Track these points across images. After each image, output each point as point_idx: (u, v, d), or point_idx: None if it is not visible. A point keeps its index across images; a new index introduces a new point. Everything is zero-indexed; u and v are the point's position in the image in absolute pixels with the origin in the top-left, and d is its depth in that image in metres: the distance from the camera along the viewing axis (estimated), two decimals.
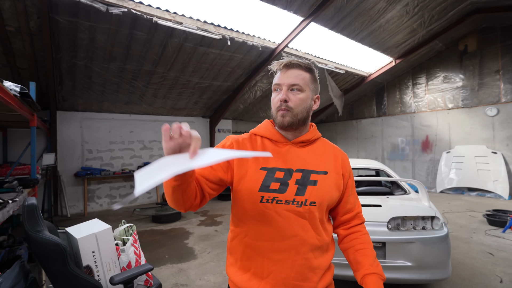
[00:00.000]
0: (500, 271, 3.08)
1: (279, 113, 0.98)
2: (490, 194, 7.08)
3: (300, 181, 0.96)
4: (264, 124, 1.09)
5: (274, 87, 1.02)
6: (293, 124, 0.98)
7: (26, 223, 1.43)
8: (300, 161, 1.00)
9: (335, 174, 1.03)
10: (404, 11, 5.97)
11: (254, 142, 1.04)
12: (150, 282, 1.83)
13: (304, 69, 1.00)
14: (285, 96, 0.96)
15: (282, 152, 1.01)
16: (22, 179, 3.33)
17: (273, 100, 1.01)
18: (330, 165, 1.04)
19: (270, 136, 1.04)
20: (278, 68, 1.00)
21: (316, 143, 1.08)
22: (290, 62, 0.99)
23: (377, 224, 2.46)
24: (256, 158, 0.98)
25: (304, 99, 0.98)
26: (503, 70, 7.20)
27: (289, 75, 0.98)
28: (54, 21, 4.13)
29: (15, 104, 2.65)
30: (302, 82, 0.98)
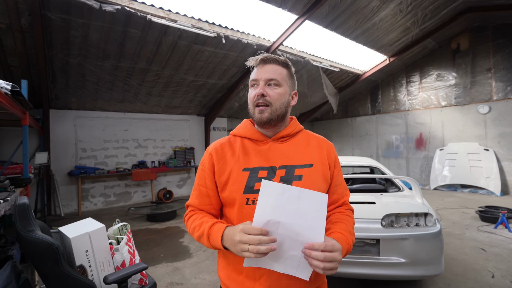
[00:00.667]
0: (492, 267, 3.13)
1: (257, 110, 0.96)
2: (482, 190, 7.18)
3: (284, 178, 0.94)
4: (243, 124, 1.08)
5: (251, 83, 1.00)
6: (271, 120, 0.96)
7: (18, 223, 1.41)
8: (282, 158, 0.98)
9: (321, 166, 0.99)
10: (398, 9, 6.00)
11: (234, 145, 1.03)
12: (144, 281, 1.82)
13: (281, 65, 0.99)
14: (262, 90, 0.95)
15: (264, 150, 0.99)
16: (14, 179, 3.29)
17: (250, 96, 0.99)
18: (314, 156, 1.01)
19: (249, 136, 1.02)
20: (255, 63, 0.99)
21: (298, 136, 1.06)
22: (267, 57, 0.98)
23: (371, 221, 2.48)
24: (237, 160, 0.98)
25: (282, 93, 0.97)
26: (495, 68, 7.29)
27: (266, 70, 0.97)
28: (46, 18, 4.07)
29: (6, 103, 2.61)
30: (279, 77, 0.97)
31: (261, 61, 0.98)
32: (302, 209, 0.73)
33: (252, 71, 1.02)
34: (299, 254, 0.76)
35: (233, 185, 0.94)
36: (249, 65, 1.02)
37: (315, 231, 0.74)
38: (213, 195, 1.00)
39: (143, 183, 7.71)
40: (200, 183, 1.02)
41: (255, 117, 0.97)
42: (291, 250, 0.76)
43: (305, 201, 0.72)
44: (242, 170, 0.95)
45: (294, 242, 0.75)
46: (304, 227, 0.74)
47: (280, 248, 0.76)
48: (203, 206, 1.01)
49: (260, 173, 0.94)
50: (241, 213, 0.93)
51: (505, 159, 7.10)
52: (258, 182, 0.92)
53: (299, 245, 0.75)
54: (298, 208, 0.73)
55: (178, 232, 4.78)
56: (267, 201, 0.72)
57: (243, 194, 0.92)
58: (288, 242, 0.75)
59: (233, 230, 0.79)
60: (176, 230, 4.90)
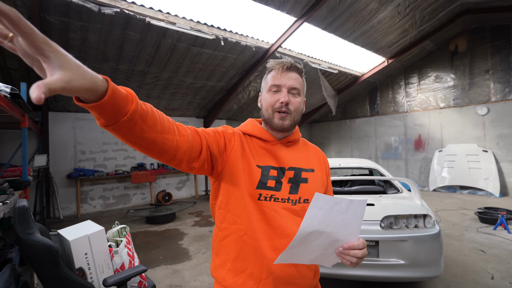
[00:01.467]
0: (491, 268, 3.13)
1: (277, 115, 0.96)
2: (481, 192, 7.19)
3: (292, 179, 0.97)
4: (251, 123, 1.07)
5: (272, 87, 0.98)
6: (291, 127, 0.98)
7: (17, 226, 1.41)
8: (290, 160, 1.00)
9: (320, 172, 1.07)
10: (396, 11, 6.04)
11: (245, 140, 1.00)
12: (144, 283, 1.82)
13: (300, 73, 1.00)
14: (287, 98, 0.95)
15: (273, 150, 1.00)
16: (13, 181, 3.28)
17: (269, 100, 0.98)
18: (315, 163, 1.07)
19: (259, 135, 1.02)
20: (280, 68, 0.97)
21: (299, 143, 1.10)
22: (292, 64, 0.98)
23: (370, 222, 2.48)
24: (252, 155, 0.96)
25: (301, 103, 0.99)
26: (493, 69, 7.33)
27: (290, 77, 0.97)
28: (45, 21, 4.08)
29: (5, 105, 2.61)
30: (300, 86, 0.98)
31: (287, 68, 0.97)
32: (347, 219, 0.75)
33: (268, 73, 1.01)
34: (331, 251, 0.80)
35: (249, 177, 0.92)
36: (271, 67, 1.00)
37: (353, 235, 0.77)
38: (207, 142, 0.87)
39: (142, 185, 7.70)
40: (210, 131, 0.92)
41: (274, 122, 0.97)
42: (326, 249, 0.79)
43: (352, 211, 0.74)
44: (256, 166, 0.95)
45: (332, 244, 0.78)
46: (346, 234, 0.76)
47: (315, 248, 0.78)
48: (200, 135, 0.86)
49: (271, 172, 0.95)
50: (253, 207, 0.91)
51: (504, 160, 7.12)
52: (270, 180, 0.93)
53: (335, 246, 0.79)
54: (344, 218, 0.74)
55: (177, 235, 4.77)
56: (317, 213, 0.72)
57: (256, 188, 0.91)
58: (326, 245, 0.78)
59: None
60: (175, 233, 4.90)
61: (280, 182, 0.94)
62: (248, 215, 0.90)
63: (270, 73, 1.00)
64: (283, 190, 0.94)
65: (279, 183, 0.94)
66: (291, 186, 0.95)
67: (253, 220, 0.90)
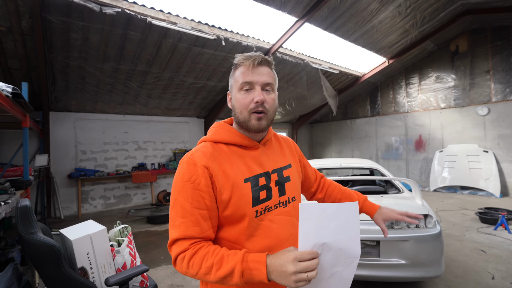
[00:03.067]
0: (492, 268, 3.13)
1: (254, 116, 0.88)
2: (482, 192, 7.19)
3: (278, 182, 0.94)
4: (224, 129, 0.96)
5: (243, 85, 0.88)
6: (268, 126, 0.92)
7: (20, 225, 1.42)
8: (271, 162, 0.96)
9: (295, 164, 1.06)
10: (397, 12, 6.04)
11: (223, 153, 0.90)
12: (145, 283, 1.83)
13: (271, 67, 0.93)
14: (262, 97, 0.87)
15: (256, 156, 0.94)
16: (15, 181, 3.29)
17: (242, 101, 0.88)
18: (289, 156, 1.06)
19: (238, 142, 0.92)
20: (250, 63, 0.88)
21: (272, 138, 1.06)
22: (263, 58, 0.89)
23: (371, 222, 2.47)
24: (235, 170, 0.88)
25: (275, 99, 0.93)
26: (493, 70, 7.32)
27: (262, 72, 0.89)
28: (46, 20, 4.08)
29: (7, 105, 2.62)
30: (273, 81, 0.91)
31: (258, 63, 0.88)
32: (340, 224, 0.72)
33: (238, 70, 0.92)
34: (341, 269, 0.76)
35: (240, 200, 0.84)
36: (239, 63, 0.91)
37: (353, 240, 0.74)
38: (214, 216, 0.85)
39: (143, 185, 7.70)
40: (196, 205, 0.82)
41: (251, 124, 0.88)
42: (335, 266, 0.75)
43: (342, 215, 0.72)
44: (243, 182, 0.86)
45: (337, 258, 0.74)
46: (345, 240, 0.74)
47: (324, 268, 0.74)
48: (206, 232, 0.83)
49: (260, 181, 0.89)
50: (251, 228, 0.85)
51: (504, 161, 7.11)
52: (261, 191, 0.88)
53: (342, 260, 0.75)
54: (336, 224, 0.72)
55: None
56: (309, 225, 0.70)
57: (252, 207, 0.85)
58: (333, 260, 0.74)
59: (280, 260, 0.69)
60: None
61: (270, 188, 0.91)
62: (245, 237, 0.86)
63: (239, 69, 0.91)
64: (274, 196, 0.91)
65: (269, 190, 0.90)
66: (278, 188, 0.93)
67: (250, 240, 0.86)
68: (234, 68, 0.94)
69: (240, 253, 0.75)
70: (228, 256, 0.75)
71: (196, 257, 0.78)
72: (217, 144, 0.93)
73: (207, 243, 0.82)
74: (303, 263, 0.67)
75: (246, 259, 0.73)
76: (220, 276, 0.74)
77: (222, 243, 0.88)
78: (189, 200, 0.82)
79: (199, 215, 0.82)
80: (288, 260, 0.68)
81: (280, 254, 0.71)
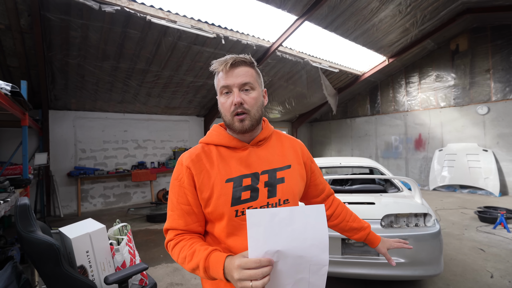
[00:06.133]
0: (490, 267, 3.14)
1: (236, 119, 0.90)
2: (481, 191, 7.20)
3: (268, 183, 0.93)
4: (215, 131, 1.00)
5: (222, 89, 0.91)
6: (252, 126, 0.92)
7: (19, 224, 1.42)
8: (262, 162, 0.95)
9: (297, 165, 1.03)
10: (397, 10, 6.02)
11: (210, 154, 0.94)
12: (145, 281, 1.83)
13: (249, 65, 0.93)
14: (240, 98, 0.88)
15: (243, 157, 0.94)
16: (14, 179, 3.29)
17: (224, 105, 0.91)
18: (291, 157, 1.03)
19: (225, 143, 0.95)
20: (224, 67, 0.89)
21: (272, 138, 1.05)
22: (236, 60, 0.89)
23: (370, 221, 2.48)
24: (218, 171, 0.91)
25: (257, 97, 0.93)
26: (494, 69, 7.32)
27: (237, 73, 0.89)
28: (45, 19, 4.07)
29: (6, 103, 2.61)
30: (252, 80, 0.91)
31: (231, 65, 0.89)
32: (297, 230, 0.66)
33: (217, 75, 0.93)
34: (307, 276, 0.71)
35: (218, 199, 0.87)
36: (215, 69, 0.93)
37: (318, 247, 0.68)
38: (198, 212, 0.91)
39: (143, 184, 7.70)
40: (181, 201, 0.91)
41: (235, 126, 0.91)
42: (299, 273, 0.71)
43: (299, 220, 0.66)
44: (225, 182, 0.89)
45: (298, 265, 0.69)
46: (305, 247, 0.67)
47: (286, 274, 0.70)
48: (190, 226, 0.90)
49: (244, 182, 0.90)
50: (231, 226, 0.88)
51: (504, 160, 7.12)
52: (244, 192, 0.89)
53: (305, 267, 0.70)
54: (293, 230, 0.66)
55: None
56: (258, 232, 0.65)
57: (231, 206, 0.87)
58: (293, 267, 0.70)
59: (231, 265, 0.70)
60: None
61: (256, 189, 0.90)
62: (226, 235, 0.89)
63: (217, 74, 0.93)
64: (261, 197, 0.90)
65: (255, 191, 0.90)
66: (268, 190, 0.92)
67: (233, 239, 0.88)
68: (215, 75, 0.96)
69: (206, 250, 0.80)
70: (198, 251, 0.81)
71: (177, 247, 0.87)
72: (208, 145, 0.98)
73: (190, 235, 0.91)
74: (247, 272, 0.65)
75: (209, 258, 0.78)
76: (191, 268, 0.82)
77: (209, 237, 0.96)
78: (176, 196, 0.92)
79: (183, 210, 0.91)
80: (233, 266, 0.69)
81: (234, 258, 0.72)
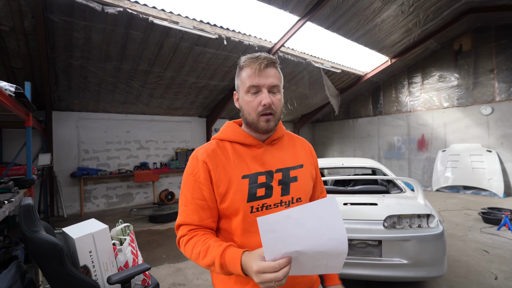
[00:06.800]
0: (495, 268, 3.12)
1: (262, 118, 0.90)
2: (485, 192, 7.15)
3: (282, 181, 0.94)
4: (230, 128, 1.01)
5: (250, 88, 0.90)
6: (275, 127, 0.94)
7: (23, 224, 1.43)
8: (277, 161, 0.96)
9: (309, 165, 1.04)
10: (400, 10, 6.00)
11: (225, 150, 0.95)
12: (147, 281, 1.83)
13: (275, 66, 0.93)
14: (269, 99, 0.88)
15: (258, 155, 0.95)
16: (18, 180, 3.31)
17: (251, 103, 0.91)
18: (303, 157, 1.04)
19: (241, 140, 0.96)
20: (257, 67, 0.88)
21: (284, 138, 1.06)
22: (268, 61, 0.89)
23: (373, 222, 2.47)
24: (234, 167, 0.91)
25: (281, 99, 0.93)
26: (498, 69, 7.27)
27: (268, 74, 0.89)
28: (49, 20, 4.10)
29: (10, 104, 2.63)
30: (279, 82, 0.92)
31: (264, 66, 0.89)
32: (312, 227, 0.65)
33: (244, 72, 0.92)
34: (325, 262, 0.70)
35: (235, 194, 0.88)
36: (244, 65, 0.92)
37: (337, 240, 0.66)
38: (213, 207, 0.91)
39: (145, 184, 7.73)
40: (196, 196, 0.90)
41: (260, 125, 0.91)
42: (318, 261, 0.70)
43: (312, 217, 0.65)
44: (241, 178, 0.90)
45: (318, 257, 0.69)
46: (323, 243, 0.66)
47: (305, 264, 0.70)
48: (204, 221, 0.90)
49: (259, 179, 0.91)
50: (246, 222, 0.88)
51: (508, 161, 7.06)
52: (259, 189, 0.90)
53: (324, 257, 0.69)
54: (308, 229, 0.65)
55: None
56: (273, 237, 0.64)
57: (247, 202, 0.88)
58: (313, 259, 0.69)
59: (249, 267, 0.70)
60: None
61: (270, 186, 0.92)
62: (242, 231, 0.89)
63: (245, 70, 0.92)
64: (275, 195, 0.91)
65: (270, 189, 0.91)
66: (282, 188, 0.93)
67: (248, 235, 0.89)
68: (239, 69, 0.95)
69: (221, 247, 0.79)
70: (212, 247, 0.80)
71: (190, 243, 0.86)
72: (223, 142, 0.98)
73: (203, 231, 0.90)
74: (266, 276, 0.65)
75: (224, 254, 0.77)
76: (205, 264, 0.81)
77: (222, 233, 0.95)
78: (190, 191, 0.92)
79: (198, 205, 0.90)
80: (252, 270, 0.69)
81: (251, 257, 0.71)
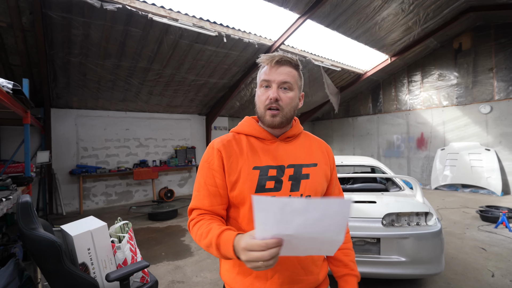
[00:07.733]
0: (492, 266, 3.13)
1: (268, 113, 0.94)
2: (483, 190, 7.17)
3: (293, 177, 0.95)
4: (247, 122, 1.05)
5: (262, 83, 0.96)
6: (282, 123, 0.96)
7: (21, 221, 1.42)
8: (290, 157, 0.98)
9: (324, 165, 1.04)
10: (400, 8, 5.99)
11: (240, 142, 0.99)
12: (146, 279, 1.83)
13: (293, 66, 0.96)
14: (277, 94, 0.92)
15: (271, 149, 0.98)
16: (16, 177, 3.30)
17: (260, 97, 0.96)
18: (318, 156, 1.04)
19: (256, 134, 1.00)
20: (269, 62, 0.94)
21: (301, 137, 1.08)
22: (282, 58, 0.93)
23: (372, 220, 2.48)
24: (246, 157, 0.95)
25: (293, 98, 0.96)
26: (497, 68, 7.27)
27: (280, 71, 0.93)
28: (47, 17, 4.07)
29: (7, 101, 2.62)
30: (292, 80, 0.94)
31: (276, 62, 0.93)
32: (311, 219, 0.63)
33: (261, 68, 0.98)
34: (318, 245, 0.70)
35: (244, 183, 0.91)
36: (261, 62, 0.97)
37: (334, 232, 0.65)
38: (224, 194, 0.95)
39: (145, 182, 7.72)
40: (208, 182, 0.94)
41: (266, 119, 0.95)
42: (311, 245, 0.70)
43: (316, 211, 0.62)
44: (252, 169, 0.93)
45: (312, 241, 0.68)
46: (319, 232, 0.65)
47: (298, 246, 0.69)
48: (214, 207, 0.93)
49: (270, 172, 0.93)
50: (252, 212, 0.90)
51: (506, 159, 7.08)
52: (269, 181, 0.92)
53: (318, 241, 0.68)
54: (307, 219, 0.63)
55: (179, 231, 4.79)
56: (266, 217, 0.63)
57: (255, 193, 0.90)
58: (306, 242, 0.68)
59: (238, 245, 0.71)
60: (177, 229, 4.92)
61: (280, 181, 0.93)
62: (248, 221, 0.92)
63: (262, 67, 0.98)
64: (284, 189, 0.93)
65: (279, 182, 0.93)
66: (292, 183, 0.94)
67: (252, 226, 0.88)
68: (260, 68, 1.00)
69: (220, 228, 0.81)
70: (213, 230, 0.82)
71: (196, 226, 0.90)
72: (239, 134, 1.03)
73: (211, 216, 0.92)
74: (253, 254, 0.65)
75: (221, 235, 0.79)
76: (205, 245, 0.83)
77: (230, 222, 0.99)
78: (203, 177, 0.96)
79: (209, 191, 0.94)
80: (240, 248, 0.70)
81: (242, 237, 0.72)
